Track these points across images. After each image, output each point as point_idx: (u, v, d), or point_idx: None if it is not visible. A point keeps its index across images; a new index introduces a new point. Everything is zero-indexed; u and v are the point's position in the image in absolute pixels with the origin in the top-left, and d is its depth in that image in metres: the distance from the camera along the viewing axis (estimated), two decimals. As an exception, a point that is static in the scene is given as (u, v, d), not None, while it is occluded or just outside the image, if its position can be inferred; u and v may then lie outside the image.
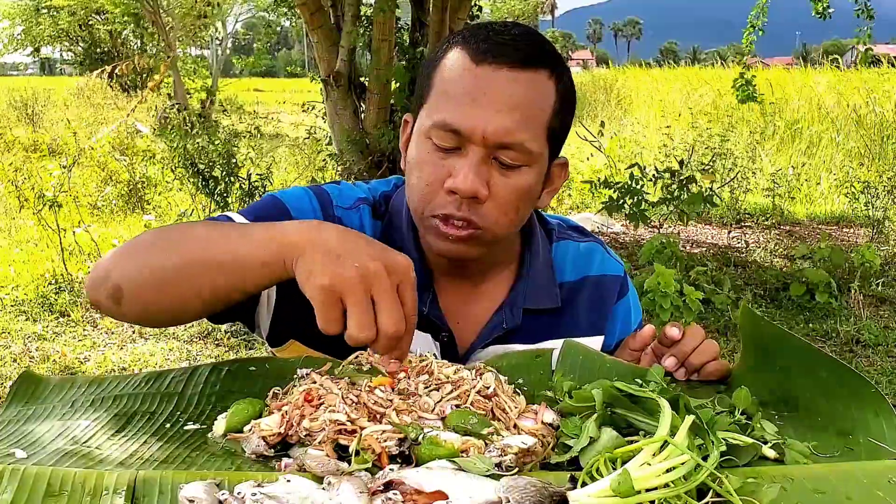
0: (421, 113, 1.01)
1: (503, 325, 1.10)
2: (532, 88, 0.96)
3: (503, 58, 0.95)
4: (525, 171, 0.98)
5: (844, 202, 8.11)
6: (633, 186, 5.45)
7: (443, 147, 0.96)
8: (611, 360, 0.99)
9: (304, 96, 9.61)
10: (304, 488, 0.66)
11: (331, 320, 0.77)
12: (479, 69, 0.95)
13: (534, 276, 1.12)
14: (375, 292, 0.77)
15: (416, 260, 1.05)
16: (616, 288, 1.19)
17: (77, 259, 5.72)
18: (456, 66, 0.97)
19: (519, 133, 0.95)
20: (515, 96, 0.95)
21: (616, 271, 1.20)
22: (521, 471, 0.72)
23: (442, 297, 1.09)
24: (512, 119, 0.94)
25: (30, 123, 13.52)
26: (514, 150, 0.96)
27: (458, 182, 0.95)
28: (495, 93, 0.94)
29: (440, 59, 1.00)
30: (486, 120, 0.94)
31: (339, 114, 6.25)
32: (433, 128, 0.96)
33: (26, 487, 0.65)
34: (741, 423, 0.82)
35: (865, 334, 4.61)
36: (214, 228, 0.90)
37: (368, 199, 1.12)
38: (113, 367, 4.09)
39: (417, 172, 1.00)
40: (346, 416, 0.76)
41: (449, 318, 1.08)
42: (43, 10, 19.76)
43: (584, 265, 1.17)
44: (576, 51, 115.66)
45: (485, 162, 0.96)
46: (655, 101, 13.99)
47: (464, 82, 0.95)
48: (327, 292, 0.77)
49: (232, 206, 5.84)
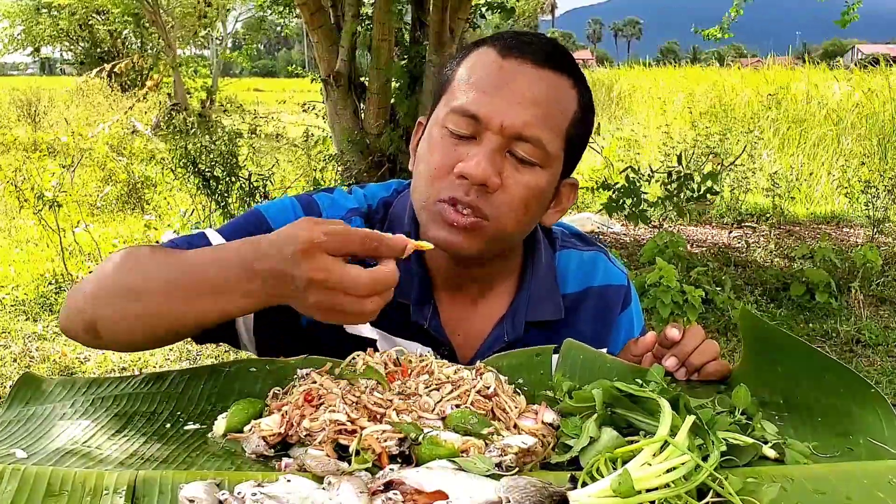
0: (438, 106, 1.00)
1: (504, 337, 1.08)
2: (555, 89, 0.97)
3: (530, 54, 0.95)
4: (538, 170, 0.97)
5: (844, 202, 8.12)
6: (632, 187, 5.46)
7: (458, 133, 0.96)
8: (611, 360, 0.99)
9: (305, 96, 9.61)
10: (304, 488, 0.66)
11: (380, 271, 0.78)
12: (504, 61, 0.95)
13: (536, 287, 1.10)
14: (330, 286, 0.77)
15: (416, 274, 1.04)
16: (620, 298, 1.17)
17: (77, 259, 5.73)
18: (481, 59, 0.97)
19: (537, 128, 0.95)
20: (538, 92, 0.95)
21: (619, 280, 1.18)
22: (521, 471, 0.72)
23: (442, 311, 1.07)
24: (532, 113, 0.94)
25: (30, 123, 13.53)
26: (531, 143, 0.95)
27: (469, 166, 0.93)
28: (519, 85, 0.94)
29: (463, 59, 1.00)
30: (505, 109, 0.94)
31: (339, 114, 6.26)
32: (451, 113, 0.96)
33: (27, 487, 0.65)
34: (741, 423, 0.82)
35: (865, 334, 4.61)
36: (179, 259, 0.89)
37: (361, 209, 1.10)
38: (113, 367, 4.09)
39: (427, 158, 0.99)
40: (347, 416, 0.76)
41: (449, 332, 1.07)
42: (43, 9, 19.78)
43: (588, 275, 1.16)
44: (576, 51, 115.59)
45: (499, 152, 0.95)
46: (655, 101, 13.98)
47: (488, 72, 0.96)
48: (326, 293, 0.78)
49: (232, 205, 5.83)
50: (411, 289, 1.05)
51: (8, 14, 19.99)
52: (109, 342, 0.93)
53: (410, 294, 1.05)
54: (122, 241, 6.26)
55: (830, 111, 10.57)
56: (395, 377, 0.85)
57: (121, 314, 0.88)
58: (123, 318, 0.88)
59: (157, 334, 0.89)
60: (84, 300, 0.92)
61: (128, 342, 0.93)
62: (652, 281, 4.24)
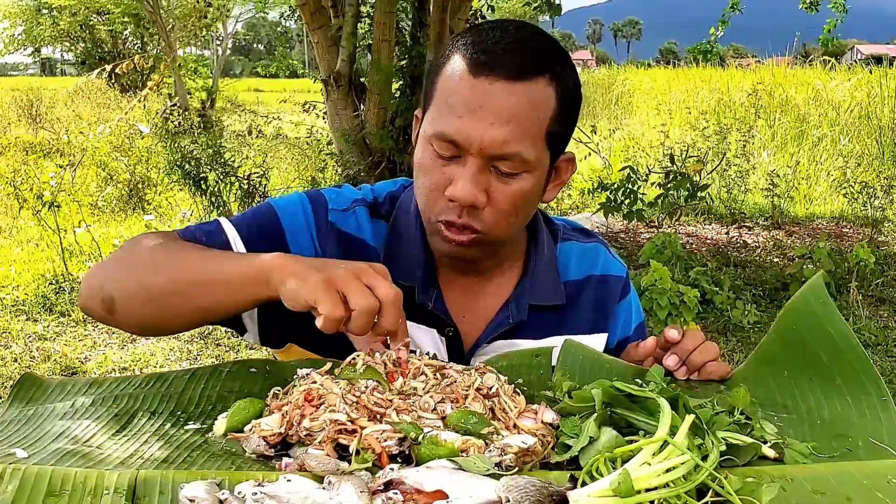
0: (426, 116, 1.02)
1: (509, 319, 1.11)
2: (529, 99, 0.96)
3: (500, 69, 0.95)
4: (524, 176, 0.99)
5: (843, 202, 8.12)
6: (629, 187, 5.47)
7: (443, 155, 0.98)
8: (610, 360, 0.99)
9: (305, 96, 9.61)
10: (304, 488, 0.66)
11: (336, 304, 0.84)
12: (476, 81, 0.95)
13: (539, 273, 1.13)
14: (365, 279, 0.87)
15: (422, 258, 1.09)
16: (619, 288, 1.20)
17: (77, 259, 5.73)
18: (455, 75, 0.98)
19: (514, 145, 0.96)
20: (511, 109, 0.95)
21: (619, 272, 1.21)
22: (520, 470, 0.72)
23: (447, 293, 1.10)
24: (507, 131, 0.95)
25: (31, 123, 13.52)
26: (511, 160, 0.97)
27: (456, 191, 0.97)
28: (491, 106, 0.95)
29: (444, 62, 1.01)
30: (481, 132, 0.95)
31: (340, 114, 6.26)
32: (433, 137, 0.99)
33: (27, 487, 0.65)
34: (741, 423, 0.82)
35: (864, 334, 4.61)
36: (202, 251, 1.00)
37: (366, 200, 1.14)
38: (113, 367, 4.09)
39: (422, 176, 1.02)
40: (347, 416, 0.76)
41: (454, 314, 1.10)
42: (43, 10, 19.77)
43: (589, 264, 1.19)
44: (576, 51, 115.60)
45: (483, 171, 0.97)
46: (655, 102, 13.98)
47: (461, 94, 0.97)
48: (323, 284, 0.85)
49: (229, 205, 5.83)
50: (416, 272, 1.08)
51: (8, 14, 19.98)
52: (123, 321, 0.99)
53: (415, 277, 1.08)
54: (123, 242, 6.25)
55: (830, 111, 10.57)
56: (395, 377, 0.85)
57: (137, 288, 0.96)
58: (140, 293, 0.96)
59: (170, 313, 0.97)
60: (105, 277, 1.00)
61: (145, 321, 0.99)
62: (648, 283, 4.25)
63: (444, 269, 1.11)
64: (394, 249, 1.10)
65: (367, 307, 0.84)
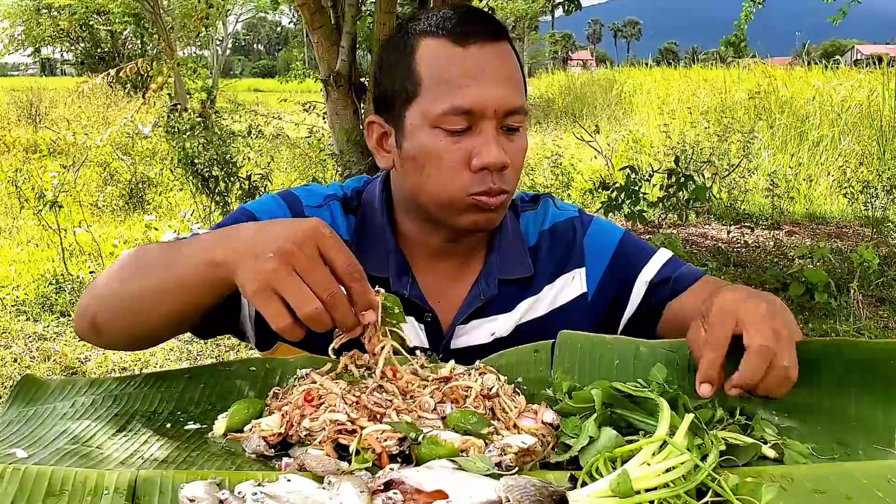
0: (413, 109, 1.04)
1: (481, 296, 1.13)
2: (510, 56, 1.05)
3: (482, 34, 1.03)
4: (522, 130, 1.06)
5: (844, 202, 8.11)
6: (631, 188, 5.47)
7: (455, 131, 1.01)
8: (612, 339, 0.95)
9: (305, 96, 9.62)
10: (304, 488, 0.66)
11: (276, 314, 0.77)
12: (466, 50, 1.02)
13: (505, 248, 1.16)
14: (299, 270, 0.77)
15: (393, 249, 1.11)
16: (570, 227, 1.21)
17: (78, 259, 5.73)
18: (439, 54, 1.03)
19: (518, 98, 1.04)
20: (505, 66, 1.03)
21: (567, 215, 1.23)
22: (520, 470, 0.72)
23: (421, 280, 1.12)
24: (510, 87, 1.03)
25: (31, 123, 13.53)
26: (519, 113, 1.03)
27: (489, 157, 1.00)
28: (491, 68, 1.02)
29: (410, 52, 1.04)
30: (492, 93, 1.01)
31: (340, 114, 6.25)
32: (443, 115, 1.01)
33: (27, 487, 0.65)
34: (741, 423, 0.82)
35: (865, 334, 4.61)
36: (160, 254, 0.94)
37: (338, 196, 1.17)
38: (113, 366, 4.09)
39: (433, 162, 1.03)
40: (347, 416, 0.76)
41: (430, 299, 1.12)
42: (43, 10, 19.76)
43: (539, 223, 1.22)
44: (576, 51, 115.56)
45: (498, 133, 1.03)
46: (657, 101, 13.98)
47: (458, 66, 1.02)
48: (260, 294, 0.77)
49: (232, 205, 5.83)
50: (387, 262, 1.11)
51: (8, 14, 19.97)
52: (109, 340, 0.97)
53: (387, 268, 1.11)
54: (123, 242, 6.26)
55: (830, 111, 10.57)
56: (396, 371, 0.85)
57: (113, 302, 0.94)
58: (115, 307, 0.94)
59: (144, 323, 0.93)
60: (90, 298, 0.98)
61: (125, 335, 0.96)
62: None
63: (414, 257, 1.13)
64: (364, 243, 1.12)
65: (310, 314, 0.77)
